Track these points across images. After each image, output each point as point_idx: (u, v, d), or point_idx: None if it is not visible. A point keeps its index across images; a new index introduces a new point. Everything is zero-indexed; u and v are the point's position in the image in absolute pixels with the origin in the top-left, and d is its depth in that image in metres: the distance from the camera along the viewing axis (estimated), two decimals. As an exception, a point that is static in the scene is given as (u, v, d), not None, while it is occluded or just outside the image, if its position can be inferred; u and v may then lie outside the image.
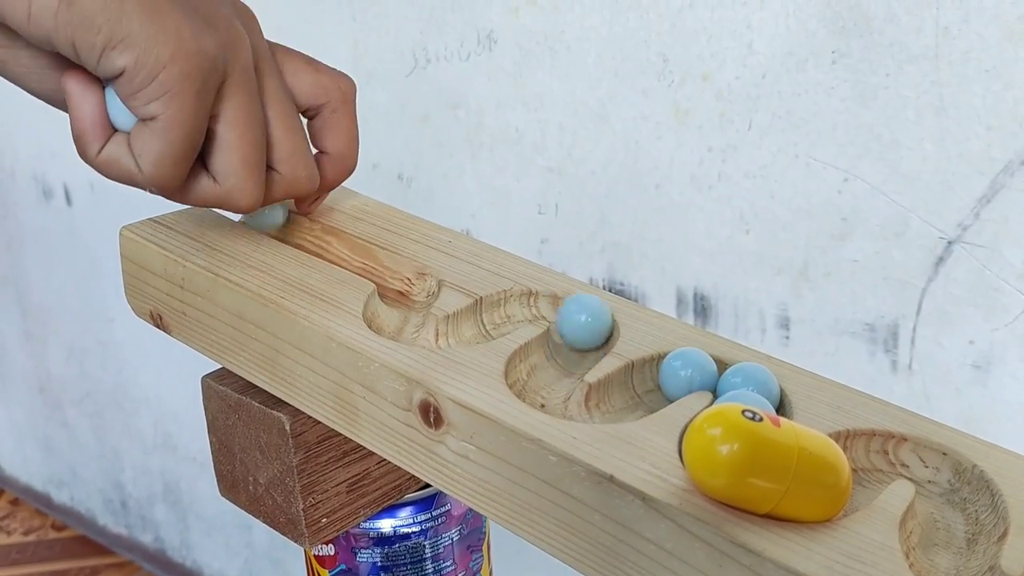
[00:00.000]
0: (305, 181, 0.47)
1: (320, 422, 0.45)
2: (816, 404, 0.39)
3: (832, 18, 0.68)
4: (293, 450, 0.46)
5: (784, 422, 0.32)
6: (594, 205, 0.84)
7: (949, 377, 0.71)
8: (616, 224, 0.83)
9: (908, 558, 0.32)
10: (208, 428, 0.51)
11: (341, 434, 0.44)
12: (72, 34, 0.40)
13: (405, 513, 0.51)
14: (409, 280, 0.49)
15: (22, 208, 1.47)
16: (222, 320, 0.47)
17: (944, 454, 0.37)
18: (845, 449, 0.37)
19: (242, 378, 0.48)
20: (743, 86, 0.73)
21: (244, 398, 0.48)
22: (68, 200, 1.39)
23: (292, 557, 1.36)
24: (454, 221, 0.93)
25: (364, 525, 0.50)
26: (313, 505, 0.47)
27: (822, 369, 0.42)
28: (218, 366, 0.49)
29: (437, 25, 0.89)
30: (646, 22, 0.77)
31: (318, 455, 0.47)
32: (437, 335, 0.45)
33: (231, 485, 0.51)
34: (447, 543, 0.52)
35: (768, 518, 0.32)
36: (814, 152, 0.72)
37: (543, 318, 0.46)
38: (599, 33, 0.79)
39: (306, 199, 0.50)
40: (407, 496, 0.51)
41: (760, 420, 0.31)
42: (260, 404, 0.47)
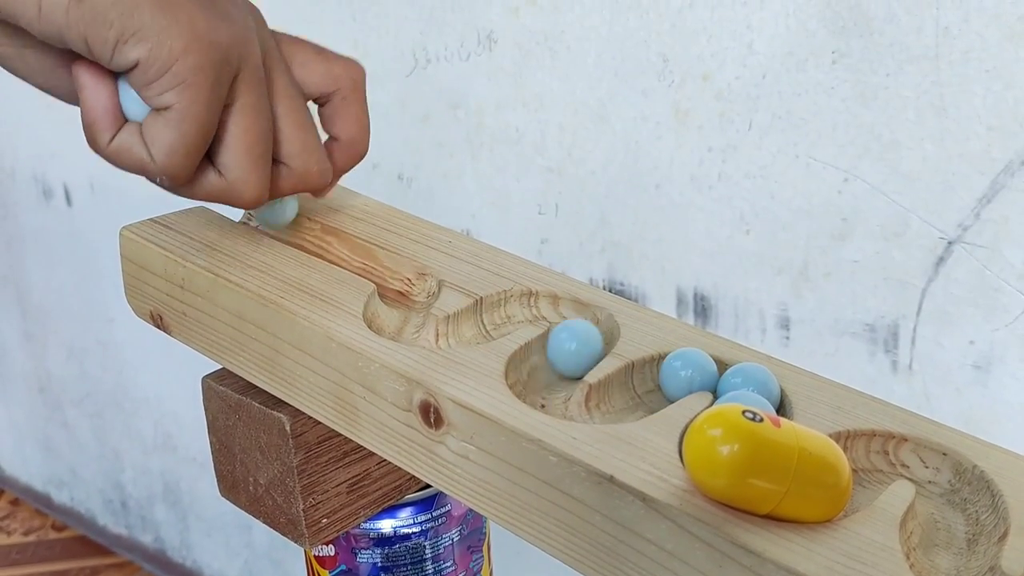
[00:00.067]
0: (317, 175, 0.48)
1: (320, 422, 0.45)
2: (816, 404, 0.39)
3: (832, 18, 0.68)
4: (293, 450, 0.46)
5: (784, 422, 0.32)
6: (594, 205, 0.84)
7: (949, 377, 0.71)
8: (616, 224, 0.83)
9: (908, 559, 0.32)
10: (208, 428, 0.51)
11: (341, 434, 0.44)
12: (84, 30, 0.40)
13: (405, 514, 0.51)
14: (409, 280, 0.49)
15: (22, 208, 1.47)
16: (222, 320, 0.47)
17: (944, 454, 0.37)
18: (845, 449, 0.37)
19: (242, 378, 0.48)
20: (743, 86, 0.73)
21: (244, 398, 0.48)
22: (68, 200, 1.39)
23: (292, 557, 1.36)
24: (454, 221, 0.93)
25: (364, 525, 0.50)
26: (313, 505, 0.47)
27: (822, 369, 0.42)
28: (218, 366, 0.49)
29: (437, 25, 0.89)
30: (646, 22, 0.77)
31: (318, 455, 0.47)
32: (437, 335, 0.45)
33: (231, 485, 0.50)
34: (447, 543, 0.52)
35: (768, 519, 0.32)
36: (814, 152, 0.72)
37: (543, 318, 0.46)
38: (599, 33, 0.79)
39: (319, 191, 0.50)
40: (407, 497, 0.51)
41: (760, 421, 0.31)
42: (260, 404, 0.47)
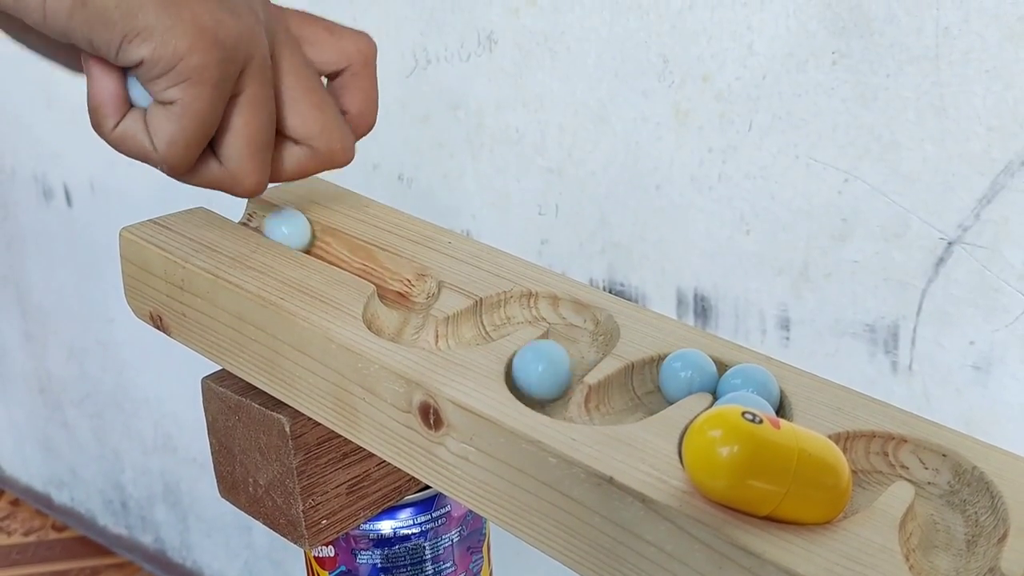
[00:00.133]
0: (340, 153, 0.48)
1: (320, 424, 0.45)
2: (816, 405, 0.39)
3: (832, 19, 0.68)
4: (293, 452, 0.46)
5: (784, 424, 0.32)
6: (594, 206, 0.84)
7: (949, 378, 0.71)
8: (616, 225, 0.83)
9: (908, 560, 0.32)
10: (208, 429, 0.51)
11: (341, 436, 0.44)
12: (88, 32, 0.41)
13: (405, 515, 0.51)
14: (409, 281, 0.49)
15: (22, 208, 1.47)
16: (222, 321, 0.47)
17: (944, 456, 0.37)
18: (845, 451, 0.37)
19: (242, 379, 0.48)
20: (743, 87, 0.73)
21: (244, 399, 0.48)
22: (68, 201, 1.39)
23: (292, 558, 1.36)
24: (454, 222, 0.93)
25: (364, 527, 0.50)
26: (313, 507, 0.47)
27: (822, 370, 0.42)
28: (218, 367, 0.49)
29: (437, 26, 0.89)
30: (646, 23, 0.77)
31: (318, 456, 0.47)
32: (437, 336, 0.45)
33: (231, 486, 0.50)
34: (447, 544, 0.52)
35: (768, 520, 0.32)
36: (814, 153, 0.72)
37: (543, 319, 0.46)
38: (599, 34, 0.79)
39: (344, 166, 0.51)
40: (407, 498, 0.51)
41: (760, 422, 0.31)
42: (260, 406, 0.47)
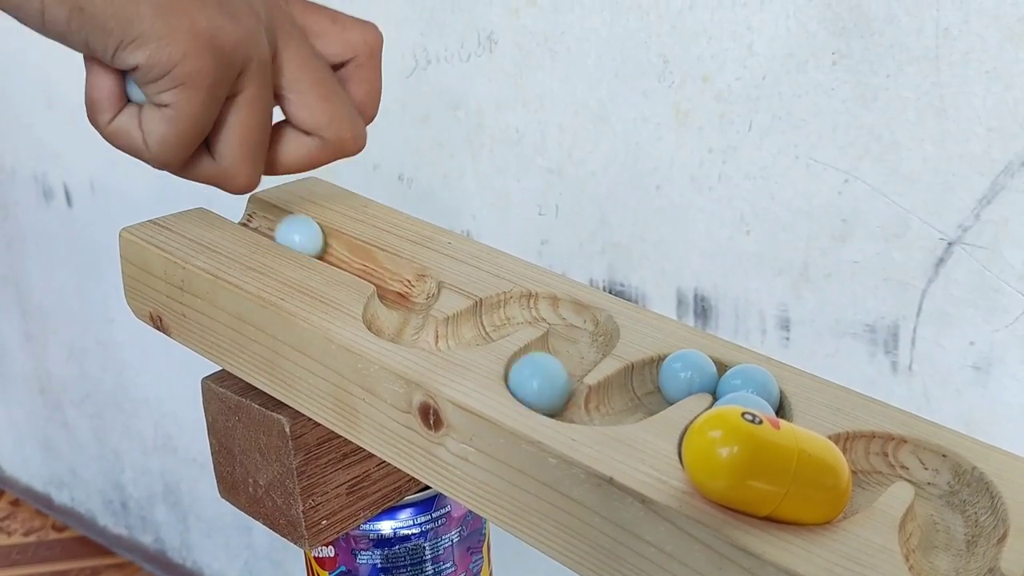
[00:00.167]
0: (351, 142, 0.48)
1: (320, 424, 0.45)
2: (816, 406, 0.39)
3: (832, 19, 0.68)
4: (293, 452, 0.46)
5: (784, 424, 0.32)
6: (594, 206, 0.84)
7: (949, 378, 0.71)
8: (616, 225, 0.83)
9: (908, 560, 0.32)
10: (208, 430, 0.51)
11: (341, 436, 0.44)
12: (86, 37, 0.42)
13: (405, 515, 0.51)
14: (409, 282, 0.49)
15: (23, 209, 1.47)
16: (222, 322, 0.47)
17: (944, 456, 0.37)
18: (845, 451, 0.37)
19: (242, 380, 0.48)
20: (743, 87, 0.73)
21: (244, 400, 0.48)
22: (68, 201, 1.39)
23: (292, 559, 1.36)
24: (454, 222, 0.93)
25: (364, 527, 0.50)
26: (313, 507, 0.47)
27: (822, 370, 0.42)
28: (218, 368, 0.49)
29: (437, 26, 0.89)
30: (646, 23, 0.77)
31: (318, 457, 0.47)
32: (437, 337, 0.45)
33: (231, 487, 0.50)
34: (447, 545, 0.52)
35: (768, 520, 0.32)
36: (814, 153, 0.72)
37: (543, 320, 0.46)
38: (599, 34, 0.79)
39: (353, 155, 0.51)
40: (407, 498, 0.51)
41: (760, 422, 0.31)
42: (260, 406, 0.47)
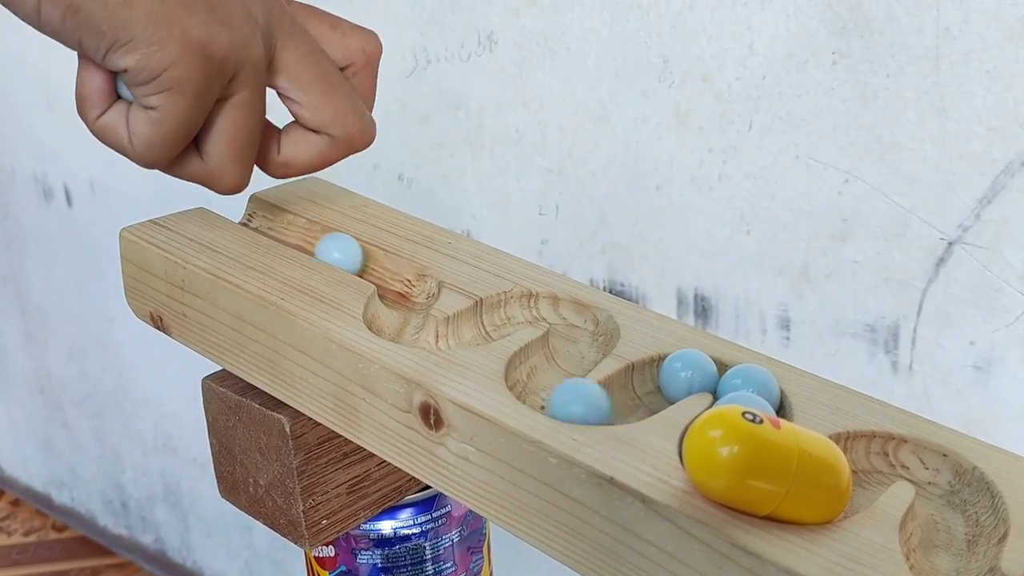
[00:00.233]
0: (358, 136, 0.48)
1: (320, 424, 0.45)
2: (816, 406, 0.39)
3: (832, 19, 0.68)
4: (293, 452, 0.46)
5: (784, 424, 0.32)
6: (594, 206, 0.84)
7: (950, 378, 0.71)
8: (616, 225, 0.83)
9: (908, 560, 0.32)
10: (208, 429, 0.51)
11: (341, 436, 0.44)
12: (79, 37, 0.42)
13: (405, 515, 0.51)
14: (409, 281, 0.49)
15: (23, 209, 1.47)
16: (222, 322, 0.47)
17: (944, 456, 0.37)
18: (845, 451, 0.37)
19: (242, 380, 0.48)
20: (743, 87, 0.73)
21: (244, 400, 0.48)
22: (68, 201, 1.39)
23: (292, 558, 1.36)
24: (454, 222, 0.93)
25: (364, 527, 0.50)
26: (313, 507, 0.47)
27: (823, 370, 0.42)
28: (218, 367, 0.49)
29: (437, 26, 0.89)
30: (646, 23, 0.77)
31: (318, 457, 0.47)
32: (437, 337, 0.45)
33: (231, 486, 0.50)
34: (447, 544, 0.52)
35: (768, 520, 0.32)
36: (815, 153, 0.72)
37: (543, 320, 0.46)
38: (599, 34, 0.79)
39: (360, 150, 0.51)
40: (407, 498, 0.51)
41: (760, 422, 0.31)
42: (260, 406, 0.47)
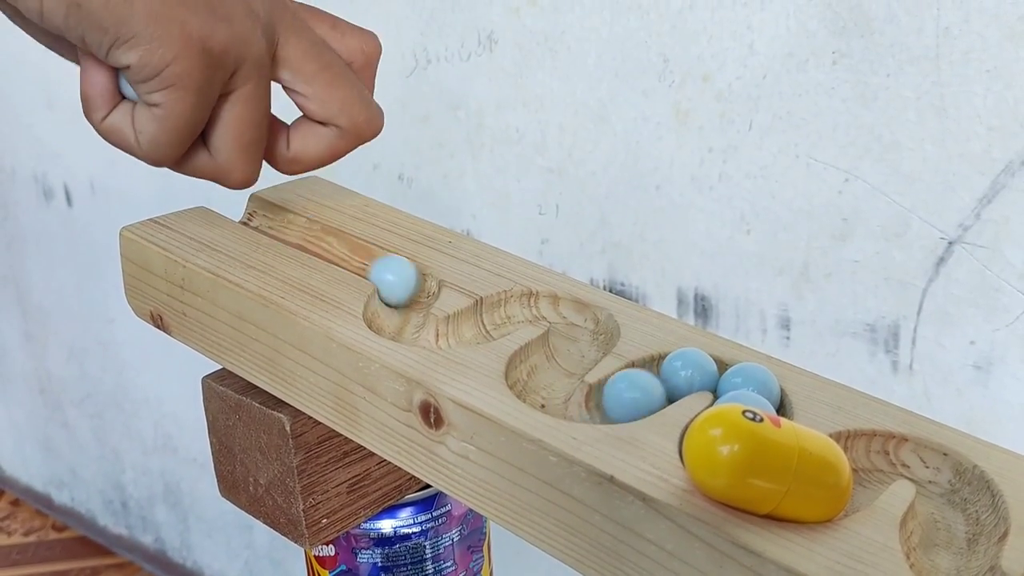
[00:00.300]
0: (365, 124, 0.48)
1: (320, 423, 0.45)
2: (816, 404, 0.39)
3: (832, 19, 0.68)
4: (293, 451, 0.46)
5: (784, 422, 0.32)
6: (594, 206, 0.84)
7: (950, 378, 0.71)
8: (616, 225, 0.83)
9: (909, 558, 0.32)
10: (208, 429, 0.51)
11: (341, 435, 0.44)
12: (81, 33, 0.43)
13: (405, 514, 0.51)
14: (409, 281, 0.48)
15: (23, 208, 1.47)
16: (222, 321, 0.47)
17: (945, 454, 0.37)
18: (846, 449, 0.37)
19: (242, 379, 0.48)
20: (744, 87, 0.73)
21: (244, 399, 0.48)
22: (68, 201, 1.39)
23: (293, 558, 1.36)
24: (454, 222, 0.93)
25: (364, 526, 0.50)
26: (313, 506, 0.47)
27: (823, 370, 0.42)
28: (218, 367, 0.49)
29: (437, 26, 0.89)
30: (646, 23, 0.77)
31: (318, 456, 0.47)
32: (437, 336, 0.45)
33: (231, 486, 0.50)
34: (447, 543, 0.52)
35: (769, 519, 0.32)
36: (815, 153, 0.72)
37: (543, 319, 0.46)
38: (599, 34, 0.79)
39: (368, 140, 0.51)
40: (407, 497, 0.51)
41: (760, 421, 0.31)
42: (260, 405, 0.47)
